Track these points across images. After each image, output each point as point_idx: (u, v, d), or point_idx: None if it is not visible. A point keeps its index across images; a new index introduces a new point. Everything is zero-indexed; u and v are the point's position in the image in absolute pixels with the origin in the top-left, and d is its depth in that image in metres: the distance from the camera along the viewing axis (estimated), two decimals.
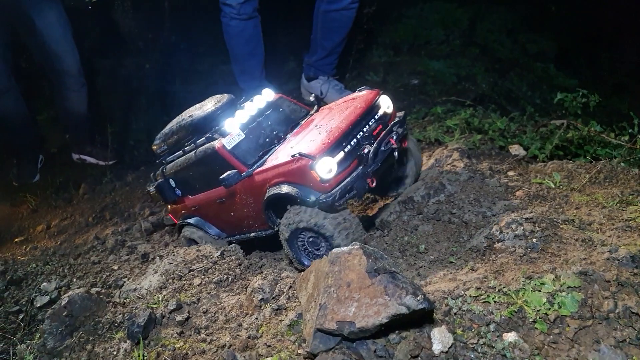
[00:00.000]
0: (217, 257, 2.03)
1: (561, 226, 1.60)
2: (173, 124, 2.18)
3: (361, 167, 1.67)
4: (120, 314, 1.81)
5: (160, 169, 2.27)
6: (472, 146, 2.54)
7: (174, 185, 2.20)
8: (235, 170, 1.78)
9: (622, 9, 5.78)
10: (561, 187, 2.00)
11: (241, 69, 3.92)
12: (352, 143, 1.69)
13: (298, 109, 2.11)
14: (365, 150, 1.69)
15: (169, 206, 2.46)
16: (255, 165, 1.82)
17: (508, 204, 1.79)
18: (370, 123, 1.77)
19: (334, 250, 1.24)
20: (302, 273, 1.46)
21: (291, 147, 1.76)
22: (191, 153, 2.03)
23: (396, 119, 1.84)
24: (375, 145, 1.70)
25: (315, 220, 1.63)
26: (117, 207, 3.45)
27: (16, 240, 3.40)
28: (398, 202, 2.00)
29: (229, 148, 1.86)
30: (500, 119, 2.85)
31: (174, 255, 2.12)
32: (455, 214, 1.83)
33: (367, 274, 1.13)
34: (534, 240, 1.51)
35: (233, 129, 1.91)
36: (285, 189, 1.67)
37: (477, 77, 4.78)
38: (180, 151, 2.11)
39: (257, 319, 1.56)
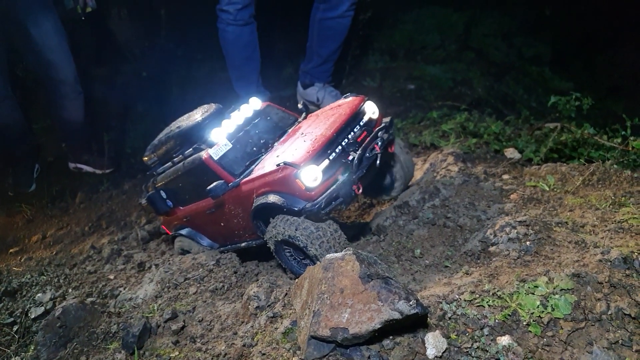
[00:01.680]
0: (213, 265, 2.03)
1: (555, 229, 1.60)
2: (162, 135, 2.17)
3: (346, 175, 1.66)
4: (115, 324, 1.80)
5: (151, 180, 2.26)
6: (467, 150, 2.54)
7: (165, 197, 2.18)
8: (222, 181, 1.78)
9: (617, 12, 5.82)
10: (555, 189, 2.00)
11: (238, 75, 3.93)
12: (337, 150, 1.69)
13: (286, 117, 2.10)
14: (350, 157, 1.68)
15: (162, 218, 2.45)
16: (242, 175, 1.81)
17: (502, 208, 1.79)
18: (355, 130, 1.77)
19: (328, 256, 1.23)
20: (297, 280, 1.46)
21: (277, 156, 1.75)
22: (180, 164, 2.02)
23: (382, 125, 1.83)
24: (359, 152, 1.69)
25: (288, 232, 1.63)
26: (113, 216, 3.45)
27: (11, 250, 3.39)
28: (394, 207, 2.00)
29: (215, 158, 1.85)
30: (495, 122, 2.86)
31: (169, 263, 2.11)
32: (451, 218, 1.83)
33: (360, 280, 1.13)
34: (528, 243, 1.51)
35: (220, 139, 1.90)
36: (271, 198, 1.66)
37: (473, 81, 4.80)
38: (170, 162, 2.10)
39: (252, 327, 1.55)
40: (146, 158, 2.26)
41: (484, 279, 1.42)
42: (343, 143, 1.71)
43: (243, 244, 2.04)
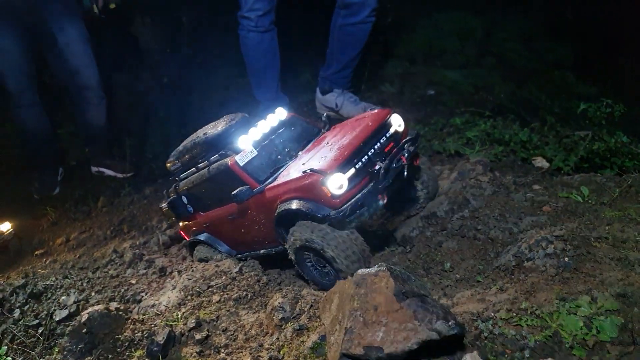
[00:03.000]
0: (236, 272, 2.01)
1: (594, 244, 1.53)
2: (187, 141, 2.20)
3: (372, 184, 1.67)
4: (139, 332, 1.79)
5: (173, 185, 2.28)
6: (494, 158, 2.48)
7: (186, 202, 2.21)
8: (247, 186, 1.80)
9: None
10: (590, 201, 1.93)
11: (258, 81, 3.93)
12: (363, 160, 1.70)
13: (310, 128, 2.13)
14: (377, 167, 1.68)
15: (181, 223, 2.46)
16: (267, 182, 1.82)
17: (535, 220, 1.73)
18: (382, 141, 1.77)
19: (360, 271, 1.20)
20: (326, 294, 1.43)
21: (303, 164, 1.76)
22: (204, 170, 2.04)
23: (408, 137, 1.83)
24: (386, 162, 1.69)
25: (305, 236, 1.63)
26: (135, 220, 3.47)
27: (36, 252, 3.44)
28: (420, 217, 1.95)
29: (241, 164, 1.88)
30: (521, 130, 2.79)
31: (192, 270, 2.10)
32: (481, 230, 1.78)
33: (394, 297, 1.09)
34: (566, 259, 1.45)
35: (246, 146, 1.92)
36: (295, 204, 1.66)
37: (495, 86, 4.72)
38: (194, 168, 2.12)
39: (278, 339, 1.52)
40: (169, 164, 2.27)
41: (521, 296, 1.37)
42: (369, 153, 1.72)
43: (262, 251, 2.05)
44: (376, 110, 1.92)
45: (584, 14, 6.27)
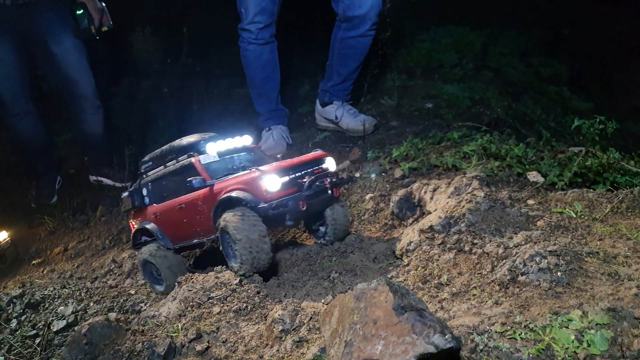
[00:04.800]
0: (236, 284, 2.03)
1: (586, 259, 1.57)
2: (164, 146, 2.55)
3: (297, 192, 2.09)
4: (139, 343, 1.81)
5: (139, 179, 2.61)
6: (490, 173, 2.53)
7: (145, 194, 2.54)
8: (201, 177, 2.17)
9: (636, 32, 5.79)
10: (582, 216, 1.97)
11: (257, 92, 3.99)
12: (296, 174, 2.13)
13: (267, 159, 2.51)
14: (304, 180, 2.12)
15: (131, 214, 2.73)
16: (218, 178, 2.22)
17: (529, 235, 1.77)
18: (314, 167, 2.23)
19: (359, 285, 1.23)
20: (326, 307, 1.46)
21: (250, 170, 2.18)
22: (170, 166, 2.40)
23: (335, 173, 2.32)
24: (312, 178, 2.13)
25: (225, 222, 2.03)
26: None
27: (34, 262, 3.45)
28: (418, 231, 1.99)
29: (202, 163, 2.26)
30: (517, 145, 2.84)
31: (192, 281, 2.13)
32: (477, 244, 1.82)
33: (393, 312, 1.12)
34: (559, 274, 1.49)
35: (211, 151, 2.32)
36: (235, 193, 2.04)
37: (491, 100, 4.79)
38: (162, 166, 2.47)
39: (278, 350, 1.55)
40: (142, 161, 2.63)
41: (515, 310, 1.40)
42: (302, 171, 2.16)
43: (195, 241, 2.37)
44: (318, 152, 2.37)
45: (579, 30, 6.40)
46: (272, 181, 2.00)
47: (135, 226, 2.65)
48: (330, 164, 2.33)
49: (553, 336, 1.27)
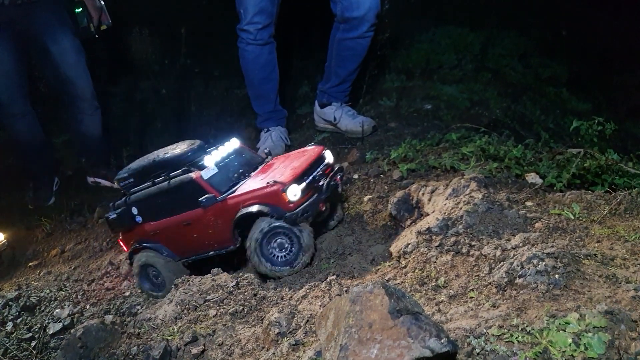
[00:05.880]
0: (233, 287, 2.02)
1: (583, 261, 1.56)
2: (143, 160, 2.49)
3: (316, 195, 2.19)
4: (135, 346, 1.80)
5: (124, 198, 2.49)
6: (488, 174, 2.52)
7: (135, 213, 2.46)
8: (212, 194, 2.17)
9: (635, 33, 5.79)
10: (580, 218, 1.96)
11: (256, 93, 3.98)
12: (310, 178, 2.21)
13: (256, 157, 2.58)
14: (320, 183, 2.24)
15: (121, 234, 2.63)
16: (227, 193, 2.21)
17: (527, 237, 1.76)
18: (322, 166, 2.34)
19: (355, 288, 1.22)
20: (322, 310, 1.44)
21: (261, 179, 2.22)
22: (164, 183, 2.32)
23: (338, 167, 2.48)
24: (327, 179, 2.28)
25: (273, 224, 2.12)
26: None
27: (30, 264, 3.43)
28: (416, 233, 1.98)
29: (205, 178, 2.24)
30: (515, 146, 2.83)
31: (189, 284, 2.12)
32: (475, 246, 1.81)
33: (389, 315, 1.11)
34: (557, 276, 1.48)
35: (209, 164, 2.30)
36: (257, 207, 2.10)
37: (490, 101, 4.79)
38: (149, 182, 2.38)
39: (274, 354, 1.54)
40: (120, 180, 2.50)
41: (512, 313, 1.39)
42: (314, 174, 2.25)
43: (211, 253, 2.35)
44: (314, 146, 2.48)
45: (578, 31, 6.40)
46: (294, 191, 2.09)
47: (131, 244, 2.56)
48: (329, 157, 2.43)
49: (550, 339, 1.25)
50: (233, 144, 2.52)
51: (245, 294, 1.98)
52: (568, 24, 6.48)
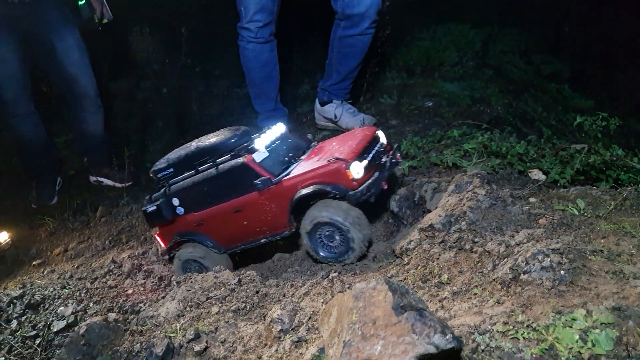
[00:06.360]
0: (235, 284, 2.02)
1: (589, 257, 1.55)
2: (182, 150, 2.37)
3: (378, 173, 2.13)
4: (137, 343, 1.79)
5: (163, 190, 2.39)
6: (491, 171, 2.51)
7: (177, 204, 2.35)
8: (267, 177, 2.08)
9: (637, 29, 5.76)
10: (586, 214, 1.95)
11: (257, 92, 3.97)
12: (370, 155, 2.15)
13: (301, 142, 2.49)
14: (383, 160, 2.19)
15: (158, 229, 2.53)
16: (282, 175, 2.13)
17: (532, 233, 1.75)
18: (380, 143, 2.29)
19: (358, 285, 1.21)
20: (325, 306, 1.44)
21: (317, 160, 2.12)
22: (210, 170, 2.23)
23: (395, 145, 2.44)
24: (389, 157, 2.23)
25: (334, 217, 2.01)
26: (133, 230, 3.47)
27: (34, 262, 3.43)
28: (418, 230, 1.97)
29: (257, 161, 2.15)
30: (518, 143, 2.81)
31: (191, 281, 2.11)
32: (478, 242, 1.79)
33: (393, 311, 1.10)
34: (562, 272, 1.47)
35: (260, 147, 2.22)
36: (317, 187, 2.01)
37: (492, 98, 4.76)
38: (193, 171, 2.29)
39: (277, 351, 1.53)
40: (157, 171, 2.39)
41: (517, 309, 1.38)
42: (374, 151, 2.19)
43: (263, 240, 2.27)
44: (367, 126, 2.48)
45: (580, 28, 6.36)
46: (357, 168, 2.00)
47: (171, 238, 2.45)
48: (383, 137, 2.36)
49: (556, 336, 1.24)
50: (279, 128, 2.44)
51: (248, 291, 1.98)
52: (570, 20, 6.45)
